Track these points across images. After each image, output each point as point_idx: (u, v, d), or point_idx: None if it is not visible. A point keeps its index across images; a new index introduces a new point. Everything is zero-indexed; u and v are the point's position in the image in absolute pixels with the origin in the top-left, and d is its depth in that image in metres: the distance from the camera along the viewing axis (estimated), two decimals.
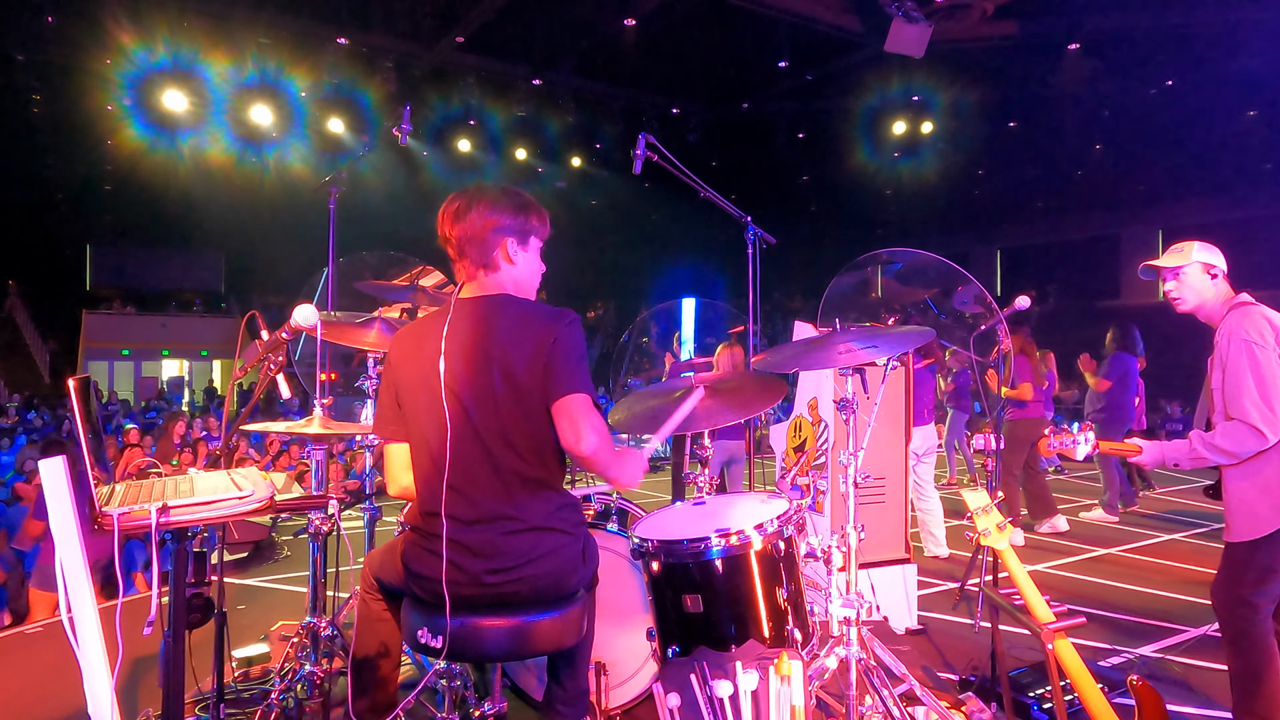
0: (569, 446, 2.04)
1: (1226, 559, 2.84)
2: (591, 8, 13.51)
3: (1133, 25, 12.57)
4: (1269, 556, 2.71)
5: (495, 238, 2.16)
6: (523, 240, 2.20)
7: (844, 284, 4.95)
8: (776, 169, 20.39)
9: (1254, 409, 2.64)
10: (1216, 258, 2.88)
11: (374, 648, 2.37)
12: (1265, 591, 2.74)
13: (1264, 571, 2.72)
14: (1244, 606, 2.75)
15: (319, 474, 3.24)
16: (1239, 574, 2.78)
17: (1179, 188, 18.49)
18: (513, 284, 2.21)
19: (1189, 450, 2.78)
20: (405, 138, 3.92)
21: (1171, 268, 2.91)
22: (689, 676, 2.33)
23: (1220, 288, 2.89)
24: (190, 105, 15.08)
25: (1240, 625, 2.77)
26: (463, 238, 2.16)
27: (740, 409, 2.75)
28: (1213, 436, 2.73)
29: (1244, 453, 2.68)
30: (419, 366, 2.13)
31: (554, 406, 2.04)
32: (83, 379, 1.73)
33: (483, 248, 2.16)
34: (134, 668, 3.42)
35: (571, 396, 2.03)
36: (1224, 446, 2.70)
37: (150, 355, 24.46)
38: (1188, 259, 2.88)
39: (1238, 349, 2.71)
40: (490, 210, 2.16)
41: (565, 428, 2.03)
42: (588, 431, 2.01)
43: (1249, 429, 2.65)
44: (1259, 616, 2.74)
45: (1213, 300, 2.88)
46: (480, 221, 2.15)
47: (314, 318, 2.34)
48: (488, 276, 2.19)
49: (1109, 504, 7.41)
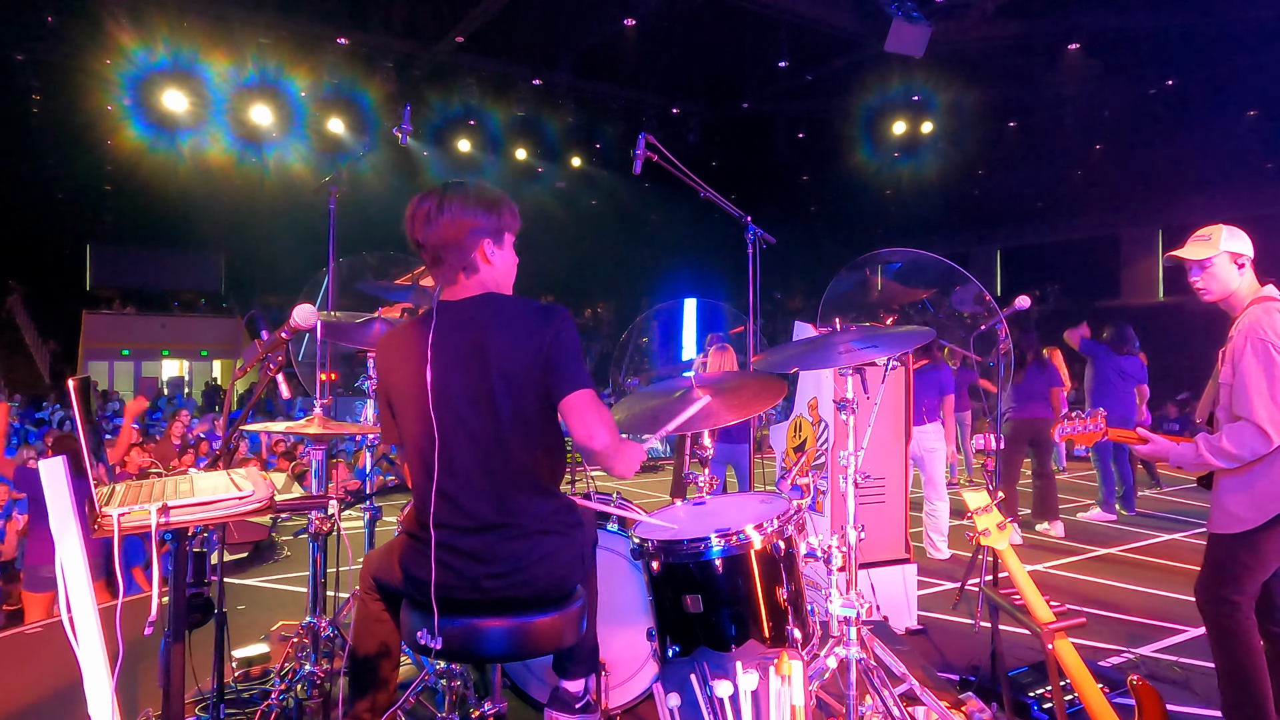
0: (582, 442, 2.03)
1: (1209, 555, 2.83)
2: (591, 8, 13.51)
3: (1133, 25, 12.57)
4: (1250, 554, 2.70)
5: (472, 240, 2.11)
6: (498, 239, 2.17)
7: (844, 284, 4.95)
8: (776, 169, 20.39)
9: (1263, 409, 2.59)
10: (1244, 245, 2.79)
11: (373, 648, 2.36)
12: (1245, 589, 2.73)
13: (1244, 569, 2.71)
14: (1225, 604, 2.74)
15: (319, 474, 3.24)
16: (1220, 571, 2.77)
17: (1179, 188, 18.46)
18: (493, 283, 2.18)
19: (1195, 454, 2.73)
20: (405, 138, 3.92)
21: (1199, 260, 2.81)
22: (689, 676, 2.33)
23: (1247, 277, 2.80)
24: (190, 105, 15.08)
25: (1224, 623, 2.76)
26: (438, 243, 2.11)
27: (740, 409, 2.74)
28: (1219, 440, 2.69)
29: (1249, 455, 2.63)
30: (406, 374, 2.10)
31: (562, 404, 2.04)
32: (83, 379, 1.73)
33: (461, 252, 2.11)
34: (134, 668, 3.42)
35: (578, 393, 2.03)
36: (1230, 450, 2.65)
37: (150, 355, 24.44)
38: (1215, 249, 2.78)
39: (1255, 347, 2.64)
40: (463, 212, 2.10)
41: (576, 424, 2.03)
42: (598, 426, 2.01)
43: (1255, 430, 2.61)
44: (1241, 614, 2.73)
45: (1239, 291, 2.79)
46: (454, 225, 2.10)
47: (314, 318, 2.34)
48: (469, 278, 2.15)
49: (1105, 503, 7.43)
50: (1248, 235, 2.84)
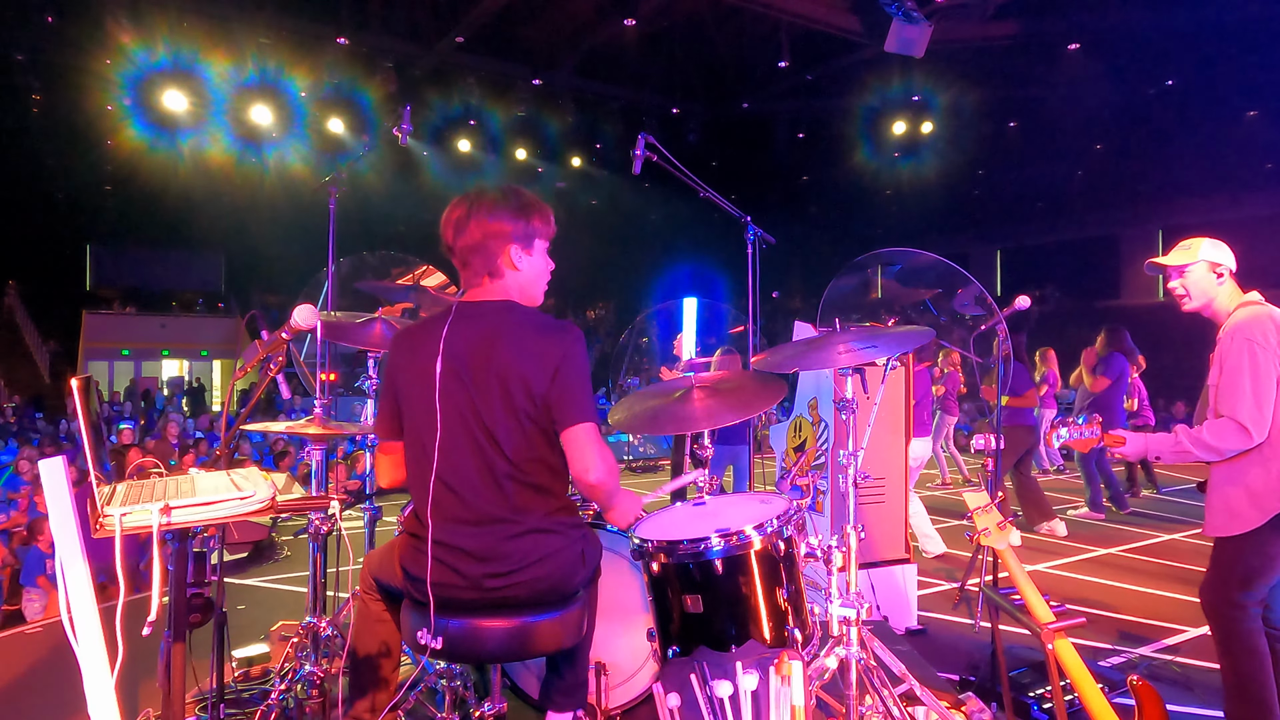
0: (577, 475, 2.06)
1: (1215, 559, 2.83)
2: (591, 8, 13.51)
3: (1132, 25, 12.57)
4: (1256, 555, 2.70)
5: (498, 245, 2.14)
6: (526, 244, 2.18)
7: (844, 284, 4.95)
8: (776, 169, 20.39)
9: (1244, 407, 2.62)
10: (1224, 256, 2.82)
11: (373, 648, 2.37)
12: (1251, 593, 2.73)
13: (1251, 572, 2.72)
14: (1232, 608, 2.75)
15: (319, 474, 3.24)
16: (1226, 574, 2.78)
17: (1179, 188, 18.47)
18: (518, 289, 2.19)
19: (1173, 443, 2.76)
20: (405, 138, 3.92)
21: (1176, 266, 2.85)
22: (689, 676, 2.33)
23: (1227, 288, 2.83)
24: (190, 105, 15.07)
25: (1229, 626, 2.76)
26: (465, 248, 2.14)
27: (740, 409, 2.74)
28: (1199, 431, 2.71)
29: (1227, 450, 2.66)
30: (416, 369, 2.12)
31: (563, 435, 2.05)
32: (84, 379, 1.73)
33: (486, 256, 2.14)
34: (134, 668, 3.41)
35: (580, 426, 2.04)
36: (1209, 441, 2.68)
37: (150, 355, 24.43)
38: (1194, 257, 2.81)
39: (1238, 347, 2.68)
40: (490, 218, 2.12)
41: (574, 457, 2.04)
42: (596, 461, 2.02)
43: (1236, 426, 2.63)
44: (1246, 616, 2.74)
45: (1219, 300, 2.83)
46: (481, 231, 2.12)
47: (314, 318, 2.34)
48: (493, 283, 2.17)
49: (1093, 502, 7.46)
50: (1247, 235, 2.85)
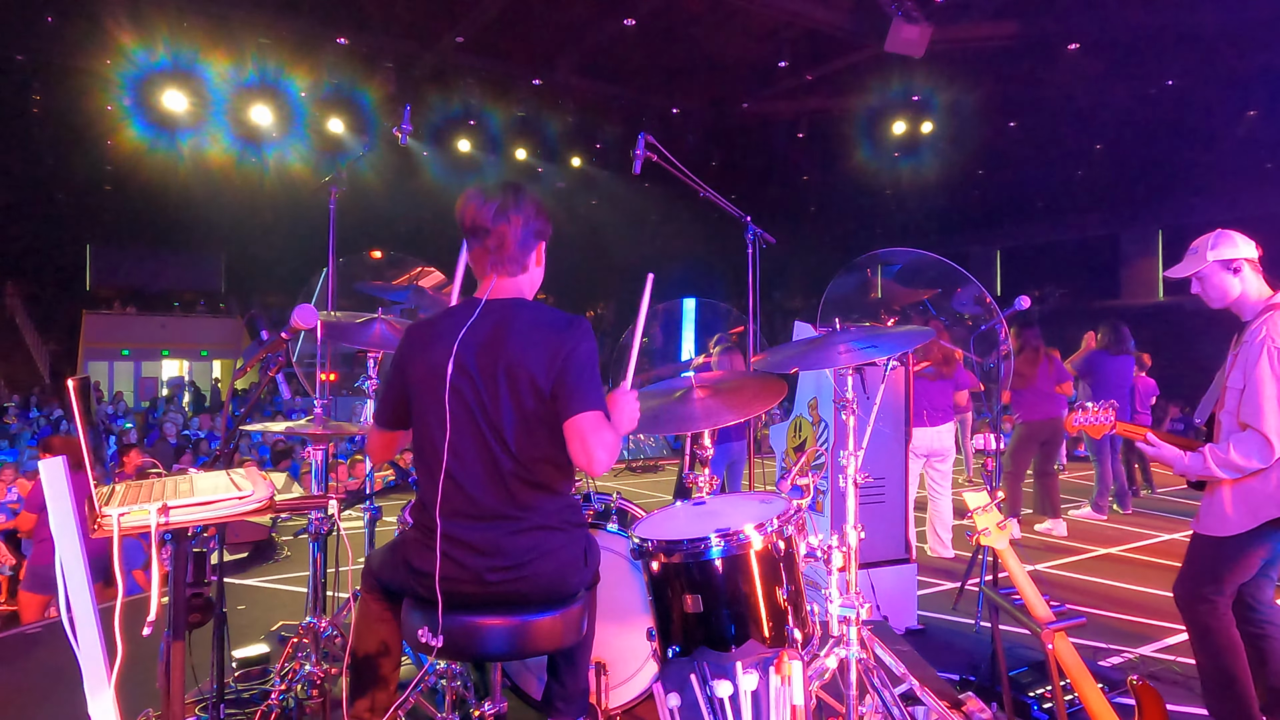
0: (578, 464, 2.07)
1: (1192, 554, 2.84)
2: (591, 8, 13.50)
3: (1133, 25, 12.56)
4: (1233, 557, 2.71)
5: (536, 241, 2.21)
6: (546, 244, 2.28)
7: (844, 284, 4.95)
8: (776, 169, 20.36)
9: (1272, 420, 2.57)
10: (1234, 249, 2.76)
11: (374, 647, 2.37)
12: (1224, 589, 2.75)
13: (1224, 572, 2.73)
14: (1203, 602, 2.76)
15: (319, 474, 3.24)
16: (1201, 570, 2.79)
17: (1179, 188, 18.47)
18: (529, 286, 2.25)
19: (1202, 466, 2.71)
20: (405, 138, 3.92)
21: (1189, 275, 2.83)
22: (689, 676, 2.33)
23: (1250, 280, 2.76)
24: (190, 105, 15.05)
25: (1202, 620, 2.77)
26: (505, 235, 2.15)
27: (740, 409, 2.74)
28: (1226, 453, 2.66)
29: (1255, 465, 2.61)
30: (428, 363, 2.13)
31: (566, 425, 2.04)
32: (82, 379, 1.72)
33: (524, 249, 2.18)
34: (134, 668, 3.41)
35: (584, 415, 2.03)
36: (1237, 462, 2.63)
37: (150, 355, 24.43)
38: (1202, 261, 2.78)
39: (1271, 356, 2.61)
40: (535, 212, 2.19)
41: (576, 447, 2.04)
42: (598, 450, 2.01)
43: (1262, 439, 2.59)
44: (1218, 611, 2.75)
45: (1244, 296, 2.76)
46: (525, 223, 2.17)
47: (314, 318, 2.34)
48: (511, 279, 2.20)
49: (1097, 503, 7.45)
50: (1248, 235, 2.82)
